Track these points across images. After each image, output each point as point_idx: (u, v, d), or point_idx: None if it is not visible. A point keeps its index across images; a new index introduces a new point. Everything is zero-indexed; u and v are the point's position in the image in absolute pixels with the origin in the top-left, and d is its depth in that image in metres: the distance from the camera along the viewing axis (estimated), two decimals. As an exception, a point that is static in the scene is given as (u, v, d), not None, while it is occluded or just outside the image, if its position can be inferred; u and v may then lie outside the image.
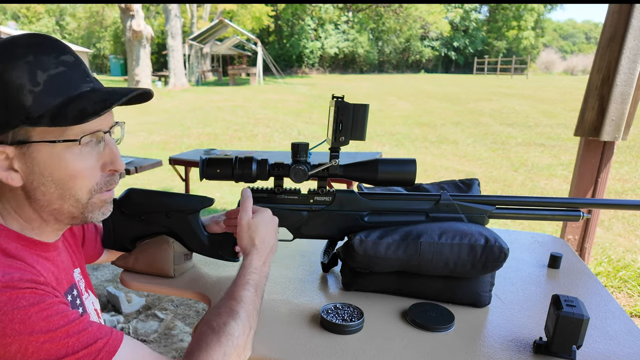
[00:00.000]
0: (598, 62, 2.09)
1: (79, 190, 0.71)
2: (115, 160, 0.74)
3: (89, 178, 0.71)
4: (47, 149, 0.67)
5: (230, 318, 0.75)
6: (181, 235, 1.08)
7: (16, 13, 34.43)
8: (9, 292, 0.58)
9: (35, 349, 0.57)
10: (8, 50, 0.65)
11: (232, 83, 20.63)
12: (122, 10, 14.96)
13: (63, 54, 0.68)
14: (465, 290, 0.99)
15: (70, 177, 0.69)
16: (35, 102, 0.64)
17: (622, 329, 0.93)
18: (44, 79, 0.65)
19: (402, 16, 36.21)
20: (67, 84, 0.67)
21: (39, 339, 0.57)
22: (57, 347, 0.58)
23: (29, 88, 0.64)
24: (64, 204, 0.71)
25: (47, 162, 0.67)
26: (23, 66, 0.64)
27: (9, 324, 0.56)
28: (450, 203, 1.02)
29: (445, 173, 6.14)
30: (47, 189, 0.69)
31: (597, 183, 2.30)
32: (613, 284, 2.88)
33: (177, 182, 5.11)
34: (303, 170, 0.99)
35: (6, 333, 0.56)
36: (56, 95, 0.66)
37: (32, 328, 0.57)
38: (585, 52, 51.58)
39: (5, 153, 0.66)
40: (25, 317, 0.58)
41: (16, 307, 0.58)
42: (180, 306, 2.66)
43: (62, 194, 0.70)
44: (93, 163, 0.72)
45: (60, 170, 0.68)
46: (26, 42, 0.66)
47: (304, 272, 1.18)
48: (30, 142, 0.66)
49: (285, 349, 0.84)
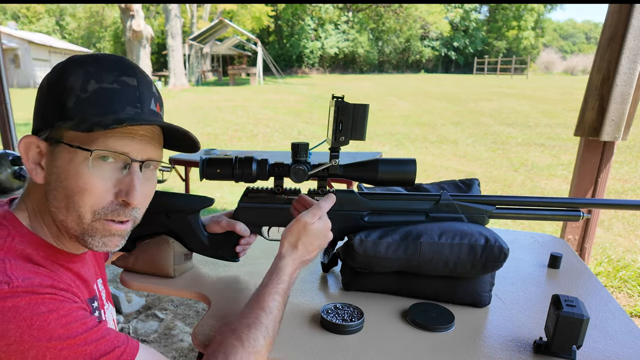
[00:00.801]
0: (598, 62, 2.09)
1: (83, 206, 0.68)
2: (131, 192, 0.69)
3: (96, 197, 0.68)
4: (69, 154, 0.67)
5: (259, 332, 0.75)
6: (181, 235, 1.08)
7: (16, 13, 34.43)
8: (29, 297, 0.58)
9: (53, 355, 0.56)
10: (77, 58, 0.70)
11: (232, 83, 20.63)
12: (122, 10, 14.97)
13: (126, 75, 0.70)
14: (465, 290, 0.99)
15: (78, 188, 0.67)
16: (76, 105, 0.67)
17: (622, 329, 0.93)
18: (94, 88, 0.67)
19: (402, 16, 36.21)
20: (113, 101, 0.68)
21: (57, 345, 0.57)
22: (75, 354, 0.58)
23: (77, 93, 0.67)
24: (68, 216, 0.69)
25: (65, 167, 0.67)
26: (81, 73, 0.68)
27: (27, 330, 0.56)
28: (450, 203, 1.02)
29: (445, 173, 6.14)
30: (57, 194, 0.69)
31: (597, 183, 2.30)
32: (613, 284, 2.88)
33: (177, 182, 5.11)
34: (303, 170, 0.99)
35: (24, 339, 0.55)
36: (98, 107, 0.67)
37: (50, 334, 0.57)
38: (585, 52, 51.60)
39: (40, 147, 0.69)
40: (44, 323, 0.57)
41: (35, 313, 0.57)
42: (180, 306, 2.66)
43: (67, 204, 0.68)
44: (107, 185, 0.69)
45: (71, 179, 0.67)
46: (103, 57, 0.70)
47: (304, 272, 1.18)
48: (60, 143, 0.68)
49: (285, 349, 0.84)
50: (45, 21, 35.85)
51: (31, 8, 34.89)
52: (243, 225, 1.06)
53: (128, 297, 2.65)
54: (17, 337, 0.55)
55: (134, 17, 14.76)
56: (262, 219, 1.07)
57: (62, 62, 0.71)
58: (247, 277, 1.13)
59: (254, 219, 1.07)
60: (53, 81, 0.69)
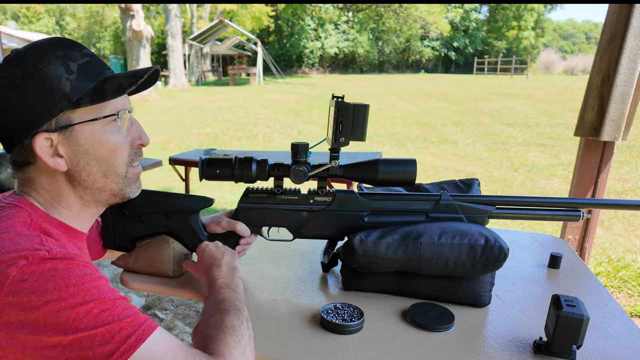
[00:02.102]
0: (598, 62, 2.09)
1: (119, 164, 0.78)
2: (143, 135, 0.82)
3: (124, 152, 0.79)
4: (89, 129, 0.74)
5: (223, 314, 0.76)
6: (181, 235, 1.08)
7: (16, 13, 34.42)
8: (66, 262, 0.64)
9: (85, 313, 0.61)
10: (36, 50, 0.72)
11: (232, 83, 20.62)
12: (122, 10, 14.96)
13: (83, 48, 0.76)
14: (465, 290, 0.99)
15: (111, 152, 0.77)
16: (73, 87, 0.72)
17: (622, 329, 0.93)
18: (76, 67, 0.73)
19: (402, 16, 36.20)
20: (95, 70, 0.75)
21: (89, 304, 0.62)
22: (105, 313, 0.62)
23: (66, 76, 0.72)
24: (107, 180, 0.78)
25: (90, 140, 0.75)
26: (56, 60, 0.72)
27: (64, 288, 0.61)
28: (451, 203, 1.02)
29: (445, 173, 6.14)
30: (92, 167, 0.76)
31: (597, 183, 2.30)
32: (613, 284, 2.88)
33: (177, 182, 5.11)
34: (303, 171, 0.99)
35: (61, 296, 0.60)
36: (89, 80, 0.74)
37: (85, 293, 0.62)
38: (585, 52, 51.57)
39: (51, 140, 0.73)
40: (79, 282, 0.63)
41: (72, 275, 0.63)
42: (180, 306, 2.66)
43: (105, 171, 0.77)
44: (124, 138, 0.79)
45: (102, 146, 0.76)
46: (48, 42, 0.74)
47: (304, 272, 1.18)
48: (73, 125, 0.73)
49: (285, 349, 0.84)
50: (45, 21, 35.83)
51: (31, 8, 34.88)
52: (243, 225, 1.06)
53: (128, 297, 2.65)
54: (55, 295, 0.60)
55: (134, 17, 14.74)
56: (262, 219, 1.07)
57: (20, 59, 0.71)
58: (247, 277, 1.13)
59: (253, 219, 1.07)
60: (32, 78, 0.70)
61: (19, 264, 0.61)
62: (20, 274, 0.60)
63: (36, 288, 0.60)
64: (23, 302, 0.60)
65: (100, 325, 0.61)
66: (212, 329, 0.73)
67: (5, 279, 0.60)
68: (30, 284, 0.60)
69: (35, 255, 0.62)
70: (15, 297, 0.60)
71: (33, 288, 0.60)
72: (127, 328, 0.62)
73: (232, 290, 0.84)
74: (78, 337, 0.60)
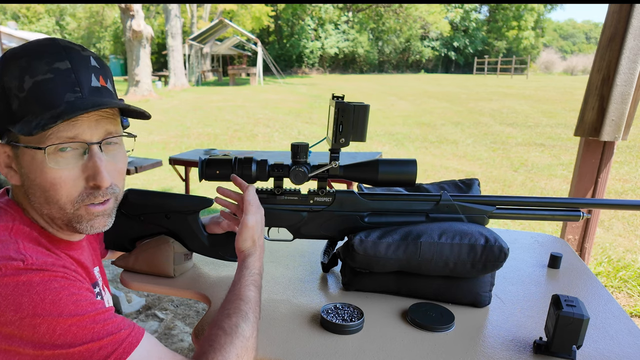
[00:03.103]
0: (598, 62, 2.09)
1: (60, 198, 0.69)
2: (97, 175, 0.69)
3: (69, 188, 0.69)
4: (29, 154, 0.68)
5: (240, 319, 0.75)
6: (181, 235, 1.08)
7: (16, 13, 34.41)
8: (42, 274, 0.60)
9: (62, 331, 0.58)
10: (7, 54, 0.68)
11: (232, 83, 20.62)
12: (122, 10, 14.95)
13: (58, 60, 0.67)
14: (465, 290, 0.99)
15: (49, 184, 0.68)
16: (19, 107, 0.66)
17: (622, 329, 0.93)
18: (29, 85, 0.65)
19: (402, 16, 36.19)
20: (50, 92, 0.66)
21: (67, 321, 0.59)
22: (83, 331, 0.59)
23: (15, 93, 0.66)
24: (51, 209, 0.70)
25: (29, 167, 0.68)
26: (15, 71, 0.66)
27: (39, 304, 0.58)
28: (451, 204, 1.02)
29: (445, 173, 6.14)
30: (35, 192, 0.70)
31: (597, 183, 2.30)
32: (613, 284, 2.88)
33: (177, 182, 5.11)
34: (303, 172, 0.99)
35: (37, 312, 0.58)
36: (37, 103, 0.66)
37: (61, 310, 0.59)
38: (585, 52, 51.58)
39: (6, 152, 0.70)
40: (56, 298, 0.59)
41: (48, 289, 0.60)
42: (180, 306, 2.66)
43: (46, 199, 0.70)
44: (76, 173, 0.69)
45: (39, 177, 0.68)
46: (33, 46, 0.68)
47: (304, 272, 1.18)
48: (19, 145, 0.68)
49: (285, 349, 0.84)
50: (45, 21, 35.82)
51: (31, 8, 34.87)
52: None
53: (128, 297, 2.65)
54: (29, 311, 0.58)
55: (134, 17, 14.73)
56: None
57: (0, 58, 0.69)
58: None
59: None
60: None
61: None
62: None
63: (10, 303, 0.57)
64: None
65: (78, 344, 0.58)
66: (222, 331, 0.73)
67: None
68: (3, 299, 0.57)
69: (8, 266, 0.59)
70: None
71: (7, 303, 0.57)
72: (106, 347, 0.60)
73: (257, 293, 0.84)
74: (56, 353, 0.58)
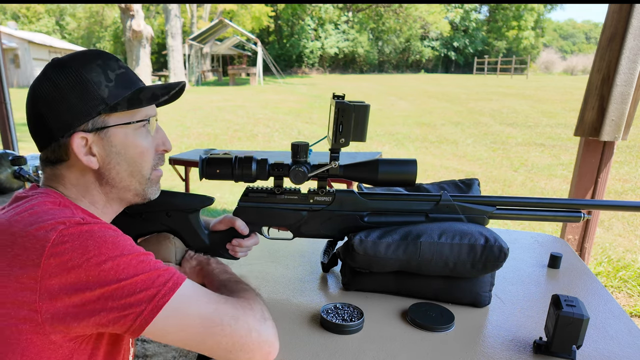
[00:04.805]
0: (598, 62, 2.09)
1: (145, 165, 0.85)
2: (166, 142, 0.90)
3: (150, 155, 0.86)
4: (122, 131, 0.81)
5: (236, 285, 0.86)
6: (182, 233, 1.08)
7: (16, 13, 34.40)
8: (99, 225, 0.72)
9: (125, 265, 0.68)
10: (79, 59, 0.80)
11: (232, 83, 20.62)
12: (122, 10, 14.96)
13: (118, 61, 0.84)
14: (465, 290, 0.99)
15: (139, 154, 0.84)
16: (110, 93, 0.79)
17: (622, 329, 0.93)
18: (114, 76, 0.81)
19: (402, 16, 36.19)
20: (130, 80, 0.83)
21: (127, 257, 0.69)
22: (142, 265, 0.70)
23: (105, 84, 0.79)
24: (133, 180, 0.85)
25: (123, 142, 0.82)
26: (97, 68, 0.79)
27: (103, 245, 0.68)
28: (451, 204, 1.02)
29: (445, 173, 6.14)
30: (121, 167, 0.83)
31: (597, 183, 2.30)
32: (613, 284, 2.88)
33: (177, 182, 5.11)
34: (303, 172, 0.99)
35: (102, 252, 0.67)
36: (125, 88, 0.81)
37: (121, 250, 0.69)
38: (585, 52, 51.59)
39: (86, 139, 0.79)
40: (115, 241, 0.70)
41: (107, 234, 0.70)
42: (180, 306, 2.65)
43: (132, 171, 0.84)
44: (152, 143, 0.87)
45: (132, 148, 0.83)
46: (89, 52, 0.82)
47: (304, 272, 1.18)
48: (108, 127, 0.80)
49: (285, 349, 0.84)
50: (45, 21, 35.82)
51: (31, 8, 34.86)
52: (242, 222, 1.06)
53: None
54: (95, 252, 0.67)
55: (134, 17, 14.74)
56: (262, 218, 1.07)
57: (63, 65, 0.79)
58: (247, 277, 1.13)
59: (254, 218, 1.07)
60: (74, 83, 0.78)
61: (58, 228, 0.67)
62: (59, 237, 0.66)
63: (77, 247, 0.66)
64: (64, 261, 0.65)
65: (140, 273, 0.68)
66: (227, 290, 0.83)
67: (46, 243, 0.66)
68: (71, 245, 0.66)
69: (71, 220, 0.69)
70: (57, 258, 0.65)
71: (74, 247, 0.66)
72: (164, 275, 0.70)
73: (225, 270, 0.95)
74: (121, 285, 0.66)
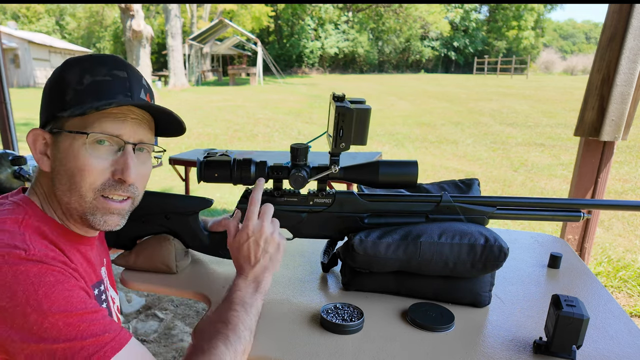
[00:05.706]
0: (598, 62, 2.09)
1: (83, 185, 0.75)
2: (125, 170, 0.76)
3: (94, 176, 0.75)
4: (69, 140, 0.74)
5: (220, 341, 0.75)
6: (181, 235, 1.08)
7: (16, 13, 34.40)
8: (40, 266, 0.64)
9: (49, 324, 0.61)
10: (82, 58, 0.78)
11: (232, 83, 20.63)
12: (122, 10, 14.96)
13: (117, 69, 0.77)
14: (465, 290, 0.99)
15: (78, 169, 0.74)
16: (73, 97, 0.74)
17: (622, 329, 0.93)
18: (88, 82, 0.75)
19: (402, 16, 36.19)
20: (106, 90, 0.75)
21: (55, 315, 0.61)
22: (68, 328, 0.62)
23: (73, 86, 0.75)
24: (71, 197, 0.76)
25: (66, 151, 0.74)
26: (77, 69, 0.76)
27: (32, 294, 0.61)
28: (451, 205, 1.02)
29: (445, 173, 6.14)
30: (61, 178, 0.76)
31: (597, 183, 2.30)
32: (613, 284, 2.88)
33: (177, 182, 5.11)
34: (303, 177, 0.98)
35: (29, 302, 0.61)
36: (93, 95, 0.74)
37: (51, 303, 0.62)
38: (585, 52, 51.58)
39: (45, 139, 0.77)
40: (49, 292, 0.62)
41: (43, 282, 0.62)
42: (180, 306, 2.66)
43: (70, 186, 0.75)
44: (104, 165, 0.76)
45: (72, 161, 0.74)
46: (98, 55, 0.79)
47: (304, 272, 1.18)
48: (62, 132, 0.75)
49: (285, 349, 0.84)
50: (45, 21, 35.82)
51: (31, 8, 34.87)
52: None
53: (128, 297, 2.65)
54: (22, 300, 0.60)
55: (134, 17, 14.73)
56: None
57: (63, 62, 0.79)
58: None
59: None
60: (53, 80, 0.78)
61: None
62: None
63: (6, 290, 0.61)
64: None
65: (62, 341, 0.61)
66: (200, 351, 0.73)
67: None
68: (1, 286, 0.61)
69: (11, 254, 0.63)
70: None
71: (3, 290, 0.60)
72: (88, 348, 0.61)
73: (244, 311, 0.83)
74: (41, 347, 0.60)
